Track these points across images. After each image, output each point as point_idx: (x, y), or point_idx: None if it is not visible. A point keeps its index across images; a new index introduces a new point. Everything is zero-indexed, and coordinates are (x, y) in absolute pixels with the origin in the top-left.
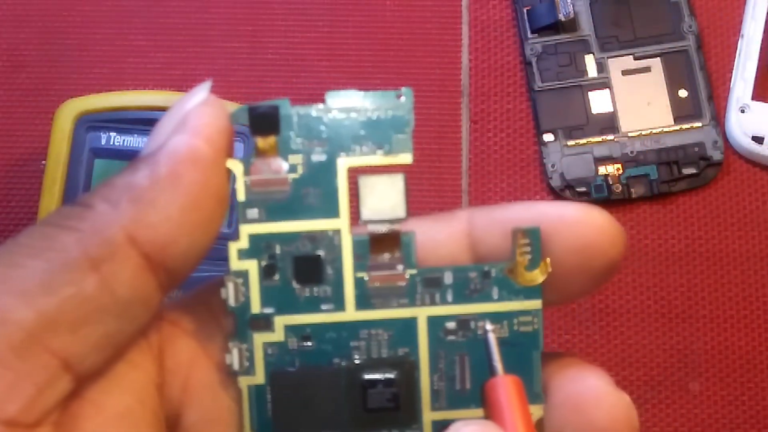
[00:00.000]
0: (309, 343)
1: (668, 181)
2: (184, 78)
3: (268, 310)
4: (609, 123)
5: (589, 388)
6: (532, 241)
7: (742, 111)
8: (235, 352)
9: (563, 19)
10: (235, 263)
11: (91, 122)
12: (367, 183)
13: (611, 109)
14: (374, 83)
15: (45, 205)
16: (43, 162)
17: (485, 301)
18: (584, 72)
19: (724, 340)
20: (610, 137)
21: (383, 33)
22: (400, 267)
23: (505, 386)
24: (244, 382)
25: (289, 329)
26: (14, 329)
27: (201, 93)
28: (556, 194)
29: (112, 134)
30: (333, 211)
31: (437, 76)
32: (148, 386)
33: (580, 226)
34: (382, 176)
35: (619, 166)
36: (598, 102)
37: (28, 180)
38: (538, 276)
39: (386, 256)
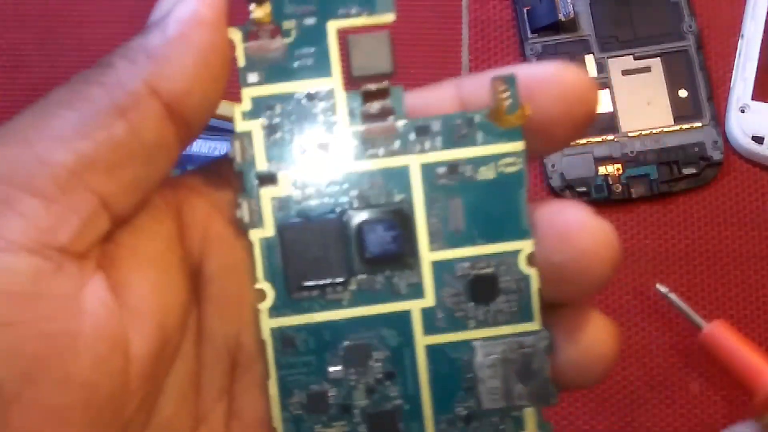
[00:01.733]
0: (312, 195)
1: (668, 181)
2: None
3: (273, 167)
4: (609, 123)
5: (571, 218)
6: (510, 86)
7: (742, 111)
8: (244, 205)
9: (563, 19)
10: (240, 124)
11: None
12: (355, 42)
13: (611, 109)
14: None
15: None
16: None
17: (471, 145)
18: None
19: None
20: (610, 137)
21: None
22: (391, 118)
23: (723, 331)
24: (254, 235)
25: (294, 183)
26: (57, 168)
27: None
28: (556, 194)
29: None
30: (326, 71)
31: (437, 76)
32: (173, 236)
33: (559, 78)
34: (369, 35)
35: (619, 166)
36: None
37: None
38: (518, 118)
39: (378, 107)
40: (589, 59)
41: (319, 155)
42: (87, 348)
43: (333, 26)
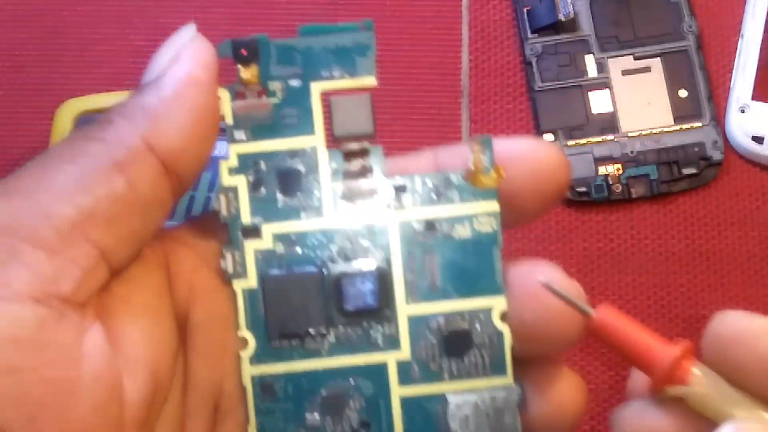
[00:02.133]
0: (294, 249)
1: (668, 181)
2: None
3: (257, 220)
4: (609, 123)
5: (543, 278)
6: (486, 148)
7: (742, 111)
8: (228, 257)
9: (563, 19)
10: (226, 179)
11: (91, 122)
12: (337, 103)
13: (611, 109)
14: None
15: None
16: None
17: (448, 203)
18: (584, 72)
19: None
20: (610, 137)
21: (383, 33)
22: (371, 176)
23: (612, 315)
24: (237, 285)
25: (276, 237)
26: (60, 221)
27: (189, 31)
28: None
29: None
30: (309, 130)
31: (437, 76)
32: (162, 286)
33: (531, 154)
34: (351, 96)
35: (619, 166)
36: (598, 102)
37: None
38: (493, 180)
39: (358, 166)
40: (589, 59)
41: (301, 210)
42: (86, 394)
43: (317, 88)
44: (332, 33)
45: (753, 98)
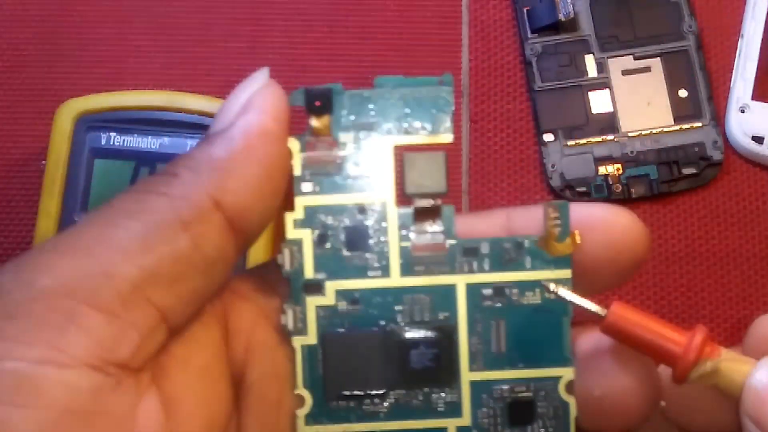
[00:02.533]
0: (357, 307)
1: (668, 181)
2: (184, 78)
3: (320, 276)
4: (609, 123)
5: (614, 351)
6: (562, 214)
7: (742, 111)
8: (289, 313)
9: (563, 19)
10: (291, 232)
11: (91, 122)
12: (411, 159)
13: (611, 109)
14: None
15: (45, 205)
16: (43, 162)
17: (519, 269)
18: (584, 72)
19: (724, 340)
20: (610, 137)
21: (383, 33)
22: (441, 237)
23: (625, 311)
24: (297, 342)
25: (339, 293)
26: (121, 282)
27: (262, 77)
28: (556, 194)
29: (112, 134)
30: (380, 186)
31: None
32: (219, 344)
33: (608, 224)
34: (424, 153)
35: (619, 166)
36: (598, 102)
37: (28, 180)
38: (567, 247)
39: (429, 226)
40: (589, 59)
41: (366, 268)
42: None
43: (390, 142)
44: (409, 86)
45: (753, 98)
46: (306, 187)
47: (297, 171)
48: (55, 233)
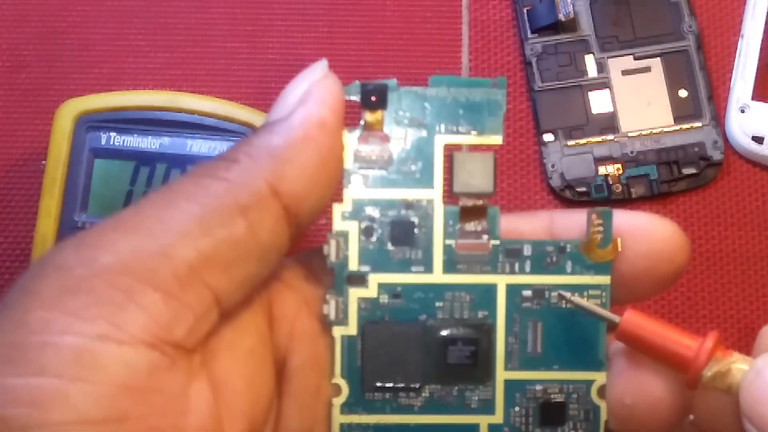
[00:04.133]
0: (398, 301)
1: (668, 181)
2: (184, 78)
3: (364, 268)
4: (609, 123)
5: (646, 363)
6: (605, 221)
7: (742, 111)
8: (332, 303)
9: (563, 19)
10: (338, 224)
11: (91, 122)
12: (460, 159)
13: (611, 109)
14: None
15: (45, 205)
16: (43, 162)
17: (559, 273)
18: (584, 72)
19: (724, 340)
20: (610, 137)
21: (383, 33)
22: (485, 237)
23: (638, 318)
24: (337, 332)
25: (382, 287)
26: (179, 263)
27: (321, 68)
28: (556, 194)
29: (112, 134)
30: (428, 183)
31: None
32: (264, 330)
33: (650, 233)
34: (474, 154)
35: (619, 166)
36: (598, 102)
37: (28, 180)
38: (608, 253)
39: (473, 226)
40: (589, 59)
41: (410, 263)
42: None
43: (441, 141)
44: (463, 86)
45: (753, 98)
46: (355, 179)
47: (348, 164)
48: (55, 233)
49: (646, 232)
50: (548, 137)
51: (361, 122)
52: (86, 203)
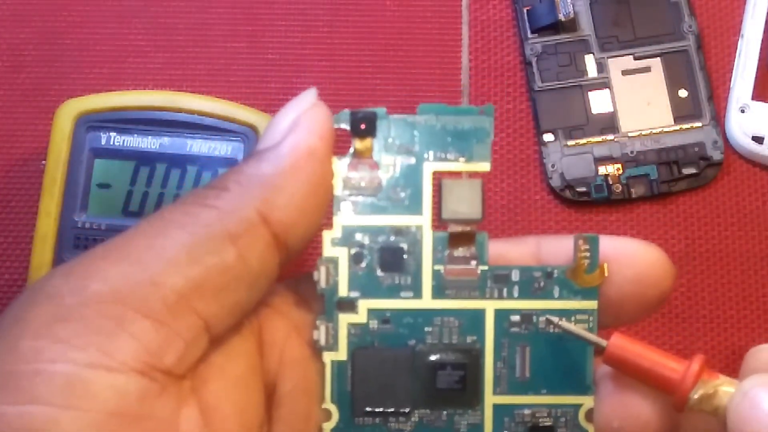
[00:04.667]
0: (388, 326)
1: (668, 181)
2: (184, 78)
3: (354, 294)
4: (609, 123)
5: (632, 385)
6: (592, 247)
7: (742, 111)
8: (322, 329)
9: (563, 19)
10: (328, 250)
11: (91, 122)
12: (449, 186)
13: (611, 109)
14: (374, 83)
15: (45, 205)
16: (43, 162)
17: (547, 298)
18: (584, 72)
19: (724, 340)
20: (610, 137)
21: (383, 33)
22: (473, 262)
23: (625, 341)
24: (328, 357)
25: (371, 312)
26: (168, 291)
27: (310, 97)
28: (556, 194)
29: (112, 134)
30: (417, 209)
31: (437, 76)
32: (255, 355)
33: (636, 259)
34: (462, 180)
35: (619, 166)
36: (598, 102)
37: (28, 180)
38: (595, 279)
39: (462, 251)
40: (589, 59)
41: (399, 289)
42: None
43: (429, 168)
44: (451, 114)
45: (753, 98)
46: (345, 206)
47: (338, 191)
48: (55, 233)
49: (632, 258)
50: (548, 137)
51: (351, 150)
52: (86, 203)
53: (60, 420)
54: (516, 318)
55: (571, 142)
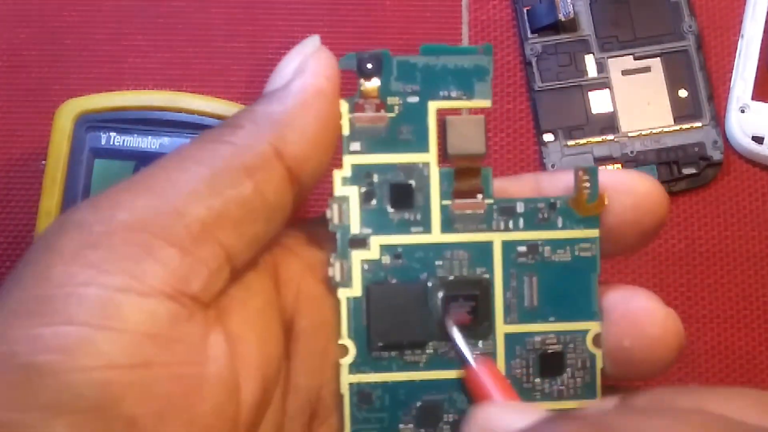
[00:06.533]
0: (400, 261)
1: (668, 181)
2: (184, 78)
3: (366, 231)
4: (609, 123)
5: (642, 305)
6: (592, 177)
7: (742, 111)
8: (336, 265)
9: (563, 19)
10: (339, 189)
11: (91, 122)
12: (452, 123)
13: (611, 109)
14: None
15: (45, 205)
16: (43, 162)
17: (551, 228)
18: (584, 72)
19: (724, 340)
20: (610, 137)
21: (383, 33)
22: (479, 196)
23: (488, 369)
24: (342, 293)
25: (384, 248)
26: (191, 220)
27: (314, 42)
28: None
29: (112, 134)
30: (424, 146)
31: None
32: (272, 292)
33: (634, 187)
34: (465, 117)
35: (619, 166)
36: (598, 102)
37: (28, 180)
38: (596, 207)
39: (468, 185)
40: (589, 59)
41: (409, 224)
42: (210, 393)
43: (433, 106)
44: (452, 54)
45: (753, 98)
46: (354, 146)
47: (346, 131)
48: None
49: (630, 187)
50: (548, 137)
51: (358, 91)
52: None
53: (95, 339)
54: (522, 249)
55: (571, 142)
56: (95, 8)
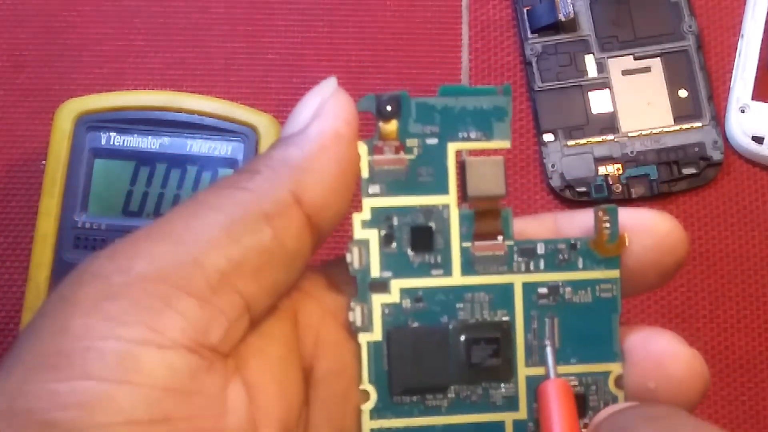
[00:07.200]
0: (421, 305)
1: (668, 181)
2: (184, 78)
3: (386, 274)
4: (609, 123)
5: (665, 346)
6: (611, 218)
7: (742, 111)
8: (357, 310)
9: (563, 19)
10: (359, 232)
11: (91, 122)
12: (472, 164)
13: (611, 109)
14: (374, 83)
15: (45, 205)
16: (43, 162)
17: (572, 270)
18: (584, 72)
19: (724, 340)
20: (610, 137)
21: (383, 33)
22: (500, 238)
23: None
24: (363, 338)
25: (404, 291)
26: (210, 270)
27: (331, 84)
28: (556, 194)
29: (112, 134)
30: (443, 188)
31: (437, 76)
32: (292, 338)
33: (654, 227)
34: (485, 158)
35: (619, 166)
36: (598, 102)
37: (28, 180)
38: (617, 248)
39: (488, 227)
40: (589, 59)
41: (430, 267)
42: None
43: (453, 148)
44: (471, 95)
45: (753, 98)
46: (373, 189)
47: (365, 173)
48: (55, 233)
49: (650, 227)
50: (548, 137)
51: (376, 133)
52: (86, 203)
53: (114, 394)
54: (543, 290)
55: (571, 142)
56: (95, 8)
